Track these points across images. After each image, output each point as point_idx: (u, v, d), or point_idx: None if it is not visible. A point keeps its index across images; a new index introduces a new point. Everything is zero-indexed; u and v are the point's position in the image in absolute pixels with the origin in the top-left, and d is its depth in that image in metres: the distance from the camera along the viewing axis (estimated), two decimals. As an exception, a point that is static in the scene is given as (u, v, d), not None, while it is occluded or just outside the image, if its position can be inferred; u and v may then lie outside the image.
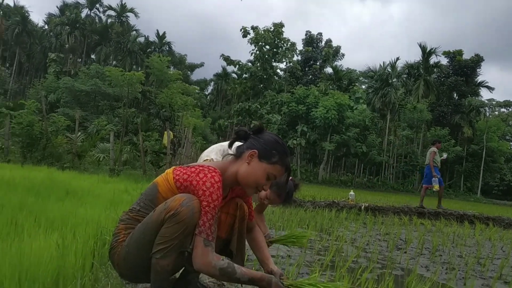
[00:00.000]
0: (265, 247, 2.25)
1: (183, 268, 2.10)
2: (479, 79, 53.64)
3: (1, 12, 64.48)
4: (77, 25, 62.34)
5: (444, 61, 53.91)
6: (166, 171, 2.00)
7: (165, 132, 15.82)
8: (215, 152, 3.46)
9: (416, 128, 46.28)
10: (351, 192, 12.43)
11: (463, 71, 51.93)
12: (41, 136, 12.73)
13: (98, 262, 2.53)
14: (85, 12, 65.93)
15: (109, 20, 65.38)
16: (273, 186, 3.19)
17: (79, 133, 16.33)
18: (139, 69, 54.61)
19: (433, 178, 12.15)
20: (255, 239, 2.29)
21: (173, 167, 1.99)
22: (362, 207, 11.02)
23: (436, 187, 12.07)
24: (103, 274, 2.42)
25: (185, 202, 1.77)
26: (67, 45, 62.19)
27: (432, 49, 49.24)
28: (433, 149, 12.42)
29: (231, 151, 2.07)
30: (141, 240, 1.83)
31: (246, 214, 2.15)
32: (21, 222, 2.96)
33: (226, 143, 3.41)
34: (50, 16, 66.91)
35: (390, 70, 48.99)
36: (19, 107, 21.19)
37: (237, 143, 2.08)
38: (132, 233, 1.87)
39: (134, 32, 63.90)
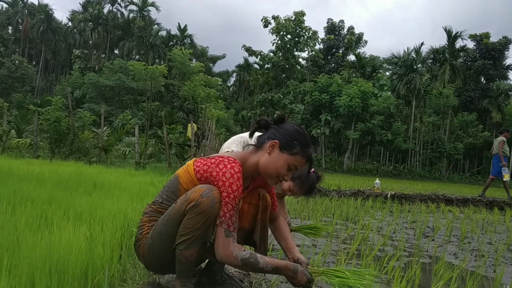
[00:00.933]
0: (290, 236, 2.25)
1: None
2: (508, 62, 52.26)
3: (26, 11, 65.78)
4: (100, 21, 63.11)
5: (470, 44, 52.63)
6: (187, 162, 2.01)
7: (189, 125, 15.92)
8: (236, 144, 3.47)
9: (442, 114, 45.34)
10: (377, 181, 12.33)
11: (490, 54, 50.58)
12: (68, 131, 12.95)
13: (125, 254, 2.57)
14: (107, 7, 66.68)
15: (131, 15, 65.90)
16: (295, 178, 3.23)
17: (105, 128, 16.58)
18: (162, 62, 55.07)
19: (503, 168, 11.82)
20: (278, 228, 2.29)
21: (194, 158, 2.00)
22: (388, 195, 10.92)
23: (506, 176, 11.77)
24: (130, 265, 2.46)
25: (205, 192, 1.78)
26: (90, 41, 63.11)
27: (457, 32, 48.11)
28: (502, 138, 12.06)
29: (251, 141, 2.06)
30: (164, 232, 1.85)
31: (269, 205, 2.15)
32: (50, 216, 3.02)
33: (246, 134, 3.52)
34: (73, 13, 67.84)
35: (414, 55, 48.06)
36: (46, 103, 21.63)
37: (258, 133, 2.08)
38: (155, 225, 1.90)
39: (156, 26, 64.24)
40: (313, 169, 3.16)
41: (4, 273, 1.73)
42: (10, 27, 68.99)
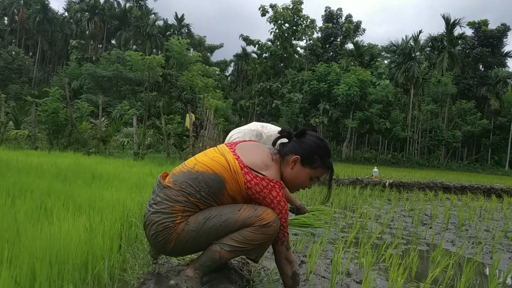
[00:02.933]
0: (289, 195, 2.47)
1: None
2: (506, 49, 52.10)
3: (22, 1, 65.27)
4: (97, 11, 62.65)
5: (469, 32, 52.49)
6: (226, 159, 1.98)
7: (187, 115, 15.88)
8: (249, 137, 3.81)
9: (440, 102, 45.27)
10: (375, 169, 12.35)
11: (489, 41, 50.45)
12: (66, 122, 12.94)
13: (125, 244, 2.59)
14: (103, -3, 66.16)
15: (127, 5, 65.41)
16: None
17: (103, 119, 16.55)
18: (159, 52, 54.73)
19: None
20: None
21: (234, 159, 1.98)
22: (387, 183, 10.96)
23: None
24: (130, 255, 2.48)
25: (276, 220, 1.95)
26: (87, 32, 62.70)
27: (456, 20, 47.87)
28: None
29: (274, 149, 2.15)
30: (215, 230, 1.91)
31: None
32: (50, 207, 3.04)
33: (254, 127, 4.01)
34: (70, 3, 67.18)
35: (412, 43, 47.85)
36: (43, 94, 21.60)
37: (282, 140, 2.19)
38: (205, 220, 1.91)
39: (153, 15, 63.86)
40: None
41: (5, 264, 1.75)
42: (6, 18, 68.53)
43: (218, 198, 1.95)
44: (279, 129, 2.39)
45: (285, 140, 2.16)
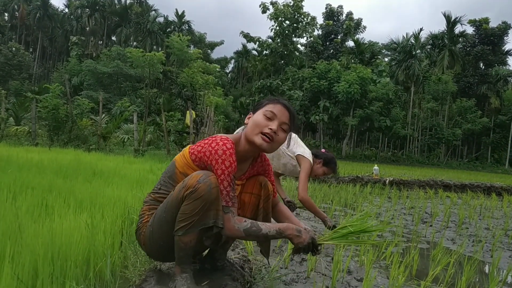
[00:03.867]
0: (292, 216, 2.28)
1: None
2: (507, 47, 52.18)
3: (22, -3, 65.17)
4: (97, 7, 62.64)
5: (469, 30, 52.45)
6: (184, 149, 2.04)
7: (188, 112, 15.87)
8: None
9: (441, 100, 45.26)
10: (375, 167, 12.36)
11: (489, 39, 50.40)
12: (67, 119, 12.92)
13: (126, 241, 2.59)
14: (103, -7, 66.05)
15: (128, 1, 65.37)
16: (327, 163, 4.05)
17: (103, 115, 16.54)
18: (160, 49, 54.73)
19: None
20: (280, 211, 2.30)
21: (190, 145, 2.03)
22: (387, 181, 10.97)
23: None
24: (132, 252, 2.49)
25: (202, 178, 1.79)
26: (88, 28, 62.68)
27: (457, 18, 47.85)
28: None
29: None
30: (163, 219, 1.88)
31: (270, 193, 2.16)
32: (51, 203, 3.04)
33: None
34: (70, -1, 67.28)
35: (413, 41, 47.84)
36: (44, 91, 21.53)
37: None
38: (155, 213, 1.93)
39: (153, 12, 63.75)
40: (324, 149, 4.14)
41: (7, 260, 1.75)
42: (6, 14, 68.46)
43: (173, 180, 1.96)
44: None
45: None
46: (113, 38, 67.65)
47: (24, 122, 18.37)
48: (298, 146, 4.10)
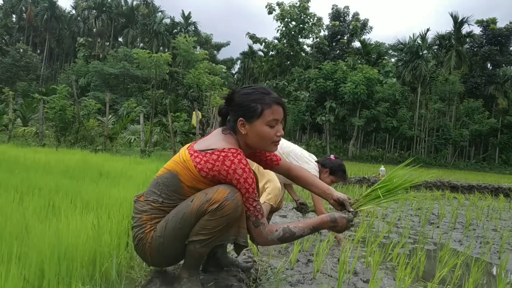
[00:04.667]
0: (316, 179, 2.25)
1: None
2: (514, 47, 51.64)
3: (30, -2, 65.60)
4: (104, 9, 62.86)
5: (477, 30, 51.99)
6: (179, 155, 1.95)
7: (194, 113, 15.90)
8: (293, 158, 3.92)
9: (448, 100, 44.99)
10: (382, 168, 12.32)
11: (497, 40, 50.02)
12: (74, 120, 12.99)
13: (132, 241, 2.60)
14: (111, -5, 66.32)
15: (134, 2, 65.54)
16: (334, 171, 3.91)
17: (110, 116, 16.62)
18: (166, 50, 54.79)
19: None
20: (300, 177, 2.27)
21: (186, 150, 1.94)
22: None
23: None
24: (137, 253, 2.49)
25: (230, 196, 1.76)
26: (94, 29, 62.95)
27: (464, 18, 47.53)
28: None
29: (225, 127, 2.03)
30: (178, 230, 1.82)
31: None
32: (58, 204, 3.05)
33: (293, 146, 4.12)
34: (77, 0, 67.56)
35: (420, 42, 47.57)
36: (51, 92, 21.68)
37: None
38: (167, 224, 1.84)
39: (160, 13, 63.87)
40: (333, 156, 4.03)
41: (14, 261, 1.76)
42: (14, 15, 68.84)
43: (179, 193, 1.87)
44: None
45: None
46: (120, 39, 67.89)
47: (32, 123, 18.51)
48: (302, 163, 4.02)
